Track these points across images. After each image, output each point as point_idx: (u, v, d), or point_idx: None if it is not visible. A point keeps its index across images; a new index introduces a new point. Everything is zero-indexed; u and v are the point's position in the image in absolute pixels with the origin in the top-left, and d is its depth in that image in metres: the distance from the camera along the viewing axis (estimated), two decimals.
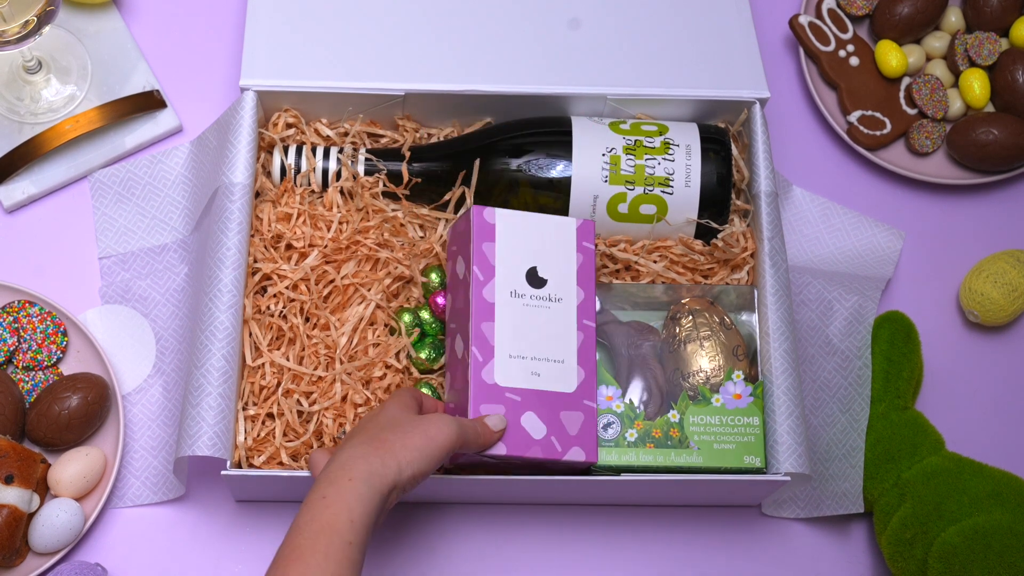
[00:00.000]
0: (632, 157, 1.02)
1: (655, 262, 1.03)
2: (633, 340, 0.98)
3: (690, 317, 0.99)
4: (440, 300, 1.01)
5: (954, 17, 1.20)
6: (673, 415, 0.96)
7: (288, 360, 0.99)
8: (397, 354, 1.00)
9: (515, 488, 0.99)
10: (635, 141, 1.03)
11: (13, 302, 1.04)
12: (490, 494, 1.02)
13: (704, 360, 0.98)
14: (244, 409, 0.98)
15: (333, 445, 0.98)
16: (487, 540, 1.04)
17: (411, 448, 0.83)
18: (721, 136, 1.04)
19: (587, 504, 1.05)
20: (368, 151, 1.05)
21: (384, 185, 1.04)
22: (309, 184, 1.05)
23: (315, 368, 0.99)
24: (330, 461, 0.82)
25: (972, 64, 1.17)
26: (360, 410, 0.98)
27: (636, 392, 0.97)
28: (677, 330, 0.99)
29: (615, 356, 0.98)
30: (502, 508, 1.04)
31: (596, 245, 1.02)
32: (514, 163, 1.02)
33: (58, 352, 1.04)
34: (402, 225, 1.04)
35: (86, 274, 1.09)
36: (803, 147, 1.18)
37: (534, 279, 0.95)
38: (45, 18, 1.01)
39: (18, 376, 1.03)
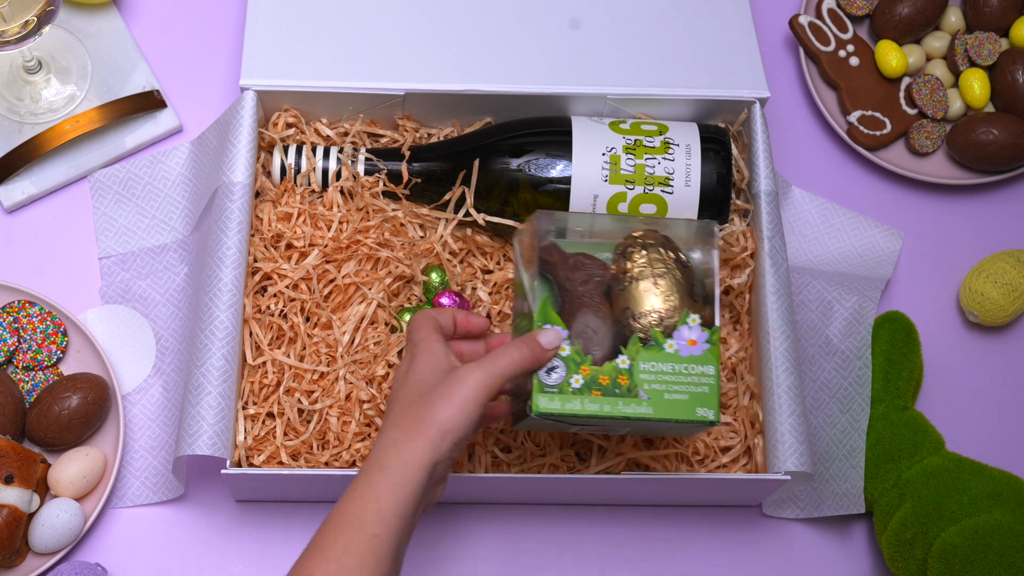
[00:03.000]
0: (632, 157, 1.02)
1: None
2: (579, 274, 0.89)
3: (643, 252, 0.90)
4: (445, 300, 1.00)
5: (954, 17, 1.20)
6: (623, 360, 0.87)
7: (289, 358, 0.99)
8: (399, 352, 1.00)
9: (515, 488, 0.99)
10: (635, 141, 1.03)
11: (13, 302, 1.04)
12: (490, 494, 1.02)
13: (658, 300, 0.88)
14: (244, 408, 0.98)
15: (338, 444, 0.99)
16: (487, 540, 1.03)
17: (443, 420, 0.80)
18: (721, 136, 1.04)
19: (587, 504, 1.05)
20: (368, 151, 1.05)
21: (384, 185, 1.04)
22: (309, 184, 1.05)
23: (317, 366, 0.99)
24: (372, 448, 0.82)
25: (972, 64, 1.17)
26: (366, 407, 0.98)
27: (582, 333, 0.88)
28: (628, 265, 0.90)
29: (559, 291, 0.89)
30: (502, 508, 1.04)
31: None
32: (514, 163, 1.02)
33: (58, 352, 1.04)
34: (402, 225, 1.04)
35: (86, 274, 1.09)
36: (803, 147, 1.18)
37: None
38: (45, 18, 1.01)
39: (18, 376, 1.03)
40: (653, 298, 0.88)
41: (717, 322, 0.89)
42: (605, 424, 0.87)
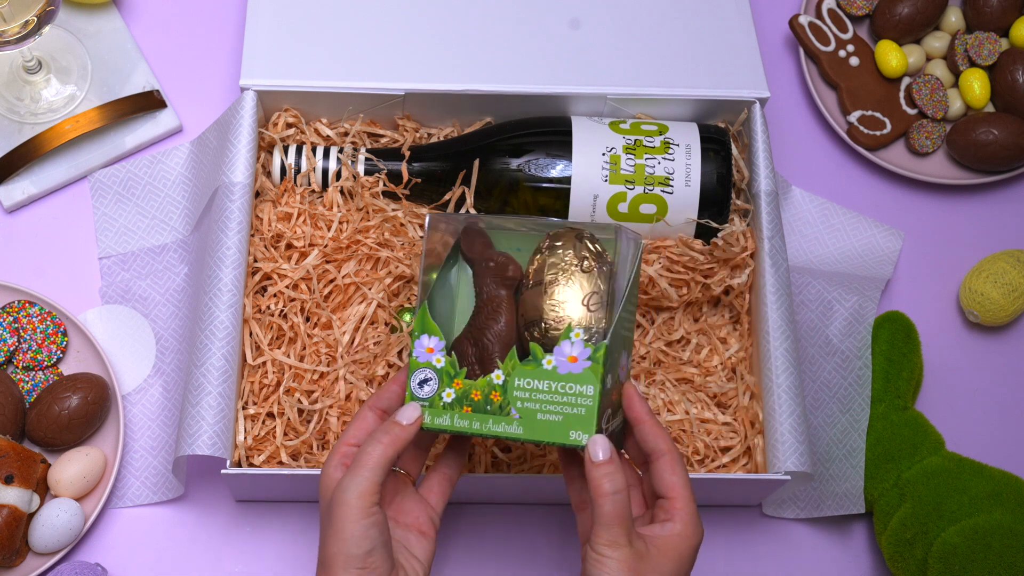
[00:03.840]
0: (632, 157, 1.02)
1: (650, 264, 1.03)
2: (491, 273, 0.84)
3: (549, 252, 0.83)
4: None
5: (954, 17, 1.20)
6: (497, 376, 0.81)
7: (289, 358, 0.99)
8: (399, 352, 1.00)
9: (515, 488, 0.99)
10: (635, 141, 1.03)
11: (13, 302, 1.04)
12: (490, 494, 1.02)
13: (546, 308, 0.82)
14: (244, 408, 0.98)
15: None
16: (487, 540, 1.03)
17: (336, 554, 0.76)
18: (721, 136, 1.04)
19: None
20: (368, 151, 1.05)
21: (384, 185, 1.04)
22: (309, 184, 1.05)
23: (317, 366, 0.99)
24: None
25: (972, 64, 1.17)
26: None
27: (479, 341, 0.83)
28: (532, 268, 0.84)
29: (476, 289, 0.85)
30: (502, 508, 1.04)
31: None
32: (514, 163, 1.02)
33: (58, 352, 1.04)
34: (402, 225, 1.04)
35: (86, 274, 1.09)
36: (803, 147, 1.18)
37: None
38: (45, 18, 1.01)
39: (18, 376, 1.03)
40: (544, 305, 0.82)
41: (607, 336, 0.81)
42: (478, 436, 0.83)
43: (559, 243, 0.83)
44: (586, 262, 0.82)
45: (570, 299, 0.82)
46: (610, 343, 0.80)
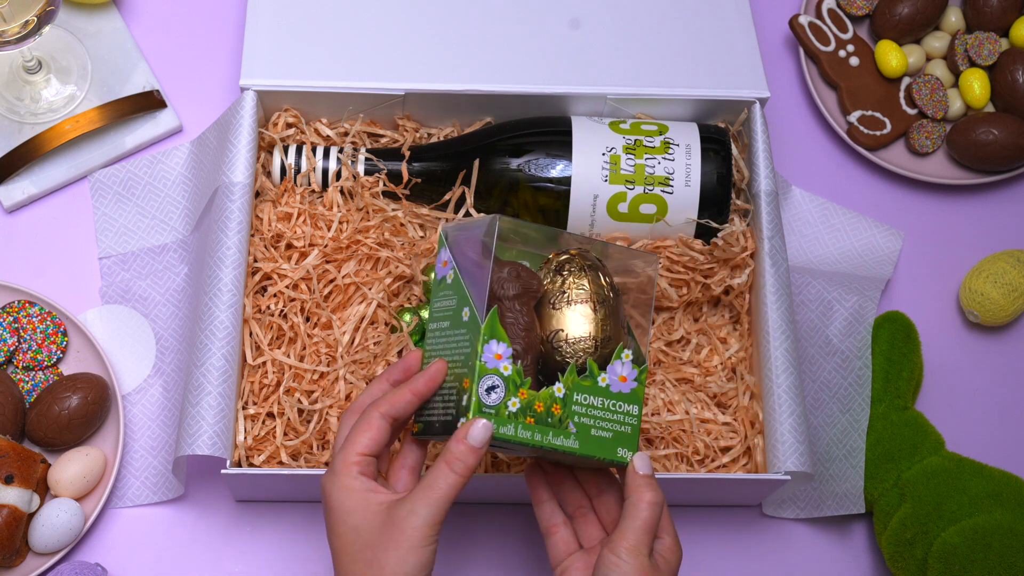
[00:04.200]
0: (632, 157, 1.02)
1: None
2: (515, 285, 0.83)
3: (581, 273, 0.85)
4: None
5: (954, 17, 1.20)
6: (559, 388, 0.82)
7: (289, 358, 0.99)
8: (399, 352, 1.00)
9: (515, 488, 0.99)
10: (635, 141, 1.03)
11: (13, 302, 1.04)
12: (490, 494, 1.02)
13: (594, 327, 0.84)
14: (244, 408, 0.98)
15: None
16: (487, 540, 1.03)
17: (397, 570, 0.76)
18: (721, 136, 1.04)
19: None
20: (368, 151, 1.05)
21: (384, 185, 1.04)
22: (309, 184, 1.05)
23: (317, 366, 0.99)
24: None
25: (972, 64, 1.17)
26: None
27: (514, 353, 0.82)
28: (564, 284, 0.85)
29: (488, 299, 0.83)
30: (502, 508, 1.04)
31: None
32: (514, 163, 1.02)
33: (58, 352, 1.04)
34: (402, 225, 1.04)
35: (86, 274, 1.09)
36: (803, 147, 1.18)
37: None
38: (45, 18, 1.01)
39: (18, 376, 1.03)
40: (589, 324, 0.84)
41: (645, 360, 0.85)
42: (527, 451, 0.83)
43: (588, 263, 0.85)
44: (615, 285, 0.86)
45: (612, 321, 0.85)
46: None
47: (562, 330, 0.84)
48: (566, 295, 0.84)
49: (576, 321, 0.84)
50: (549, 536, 0.85)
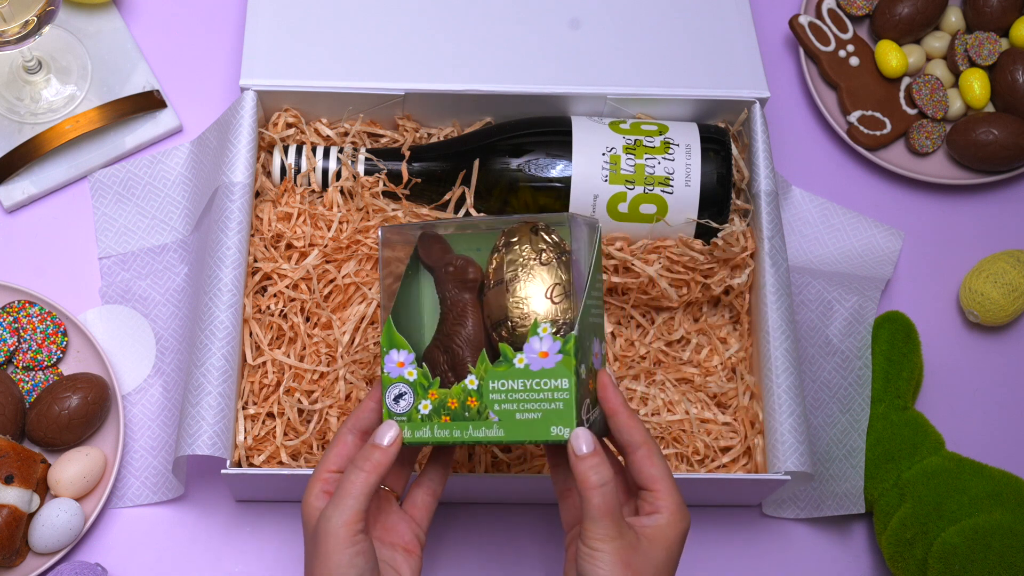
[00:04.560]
0: (632, 157, 1.02)
1: (651, 264, 1.03)
2: (453, 277, 0.82)
3: (507, 249, 0.82)
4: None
5: (954, 17, 1.20)
6: (471, 381, 0.80)
7: (289, 358, 0.99)
8: None
9: (515, 488, 0.99)
10: (635, 141, 1.03)
11: (13, 302, 1.04)
12: (490, 494, 1.02)
13: (510, 306, 0.81)
14: (244, 408, 0.98)
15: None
16: (487, 540, 1.03)
17: (322, 572, 0.77)
18: (721, 136, 1.04)
19: None
20: (368, 151, 1.05)
21: (384, 185, 1.04)
22: (309, 184, 1.05)
23: (317, 366, 0.99)
24: None
25: (972, 64, 1.17)
26: None
27: (448, 348, 0.81)
28: (492, 267, 0.82)
29: (439, 296, 0.83)
30: (502, 508, 1.04)
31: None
32: (514, 163, 1.02)
33: (58, 352, 1.04)
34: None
35: (86, 274, 1.09)
36: (803, 147, 1.19)
37: None
38: (45, 18, 1.01)
39: (18, 376, 1.03)
40: (508, 303, 0.81)
41: (575, 327, 0.79)
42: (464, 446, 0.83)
43: (515, 239, 0.82)
44: (544, 254, 0.81)
45: (533, 294, 0.81)
46: (579, 333, 0.79)
47: (489, 316, 0.82)
48: (492, 278, 0.82)
49: (500, 304, 0.82)
50: (563, 499, 0.84)
